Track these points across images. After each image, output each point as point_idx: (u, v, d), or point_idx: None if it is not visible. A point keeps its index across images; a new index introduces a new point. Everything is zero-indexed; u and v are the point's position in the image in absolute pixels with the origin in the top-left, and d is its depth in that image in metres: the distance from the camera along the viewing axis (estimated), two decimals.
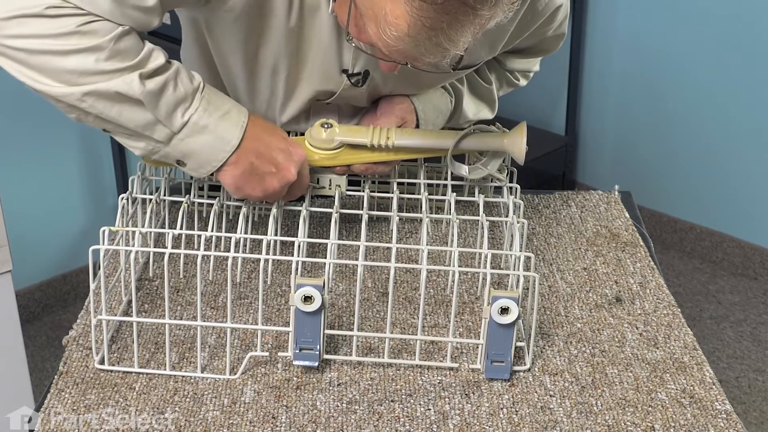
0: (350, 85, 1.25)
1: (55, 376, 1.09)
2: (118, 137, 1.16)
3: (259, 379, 1.09)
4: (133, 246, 1.18)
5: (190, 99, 1.13)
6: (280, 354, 1.11)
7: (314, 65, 1.23)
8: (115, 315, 1.17)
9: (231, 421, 1.02)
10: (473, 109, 1.41)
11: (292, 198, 1.24)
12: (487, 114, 1.44)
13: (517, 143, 1.27)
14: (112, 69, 1.09)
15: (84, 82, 1.10)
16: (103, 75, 1.09)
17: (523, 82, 1.48)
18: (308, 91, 1.26)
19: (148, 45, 1.13)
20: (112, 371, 1.09)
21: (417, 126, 1.33)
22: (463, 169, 1.32)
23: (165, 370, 1.09)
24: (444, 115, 1.36)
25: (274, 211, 1.19)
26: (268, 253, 1.11)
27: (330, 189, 1.29)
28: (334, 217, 1.17)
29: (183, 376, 1.09)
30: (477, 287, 1.25)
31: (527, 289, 1.18)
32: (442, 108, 1.36)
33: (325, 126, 1.26)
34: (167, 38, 1.98)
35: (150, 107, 1.11)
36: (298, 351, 1.08)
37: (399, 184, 1.31)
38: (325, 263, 1.10)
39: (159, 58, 1.13)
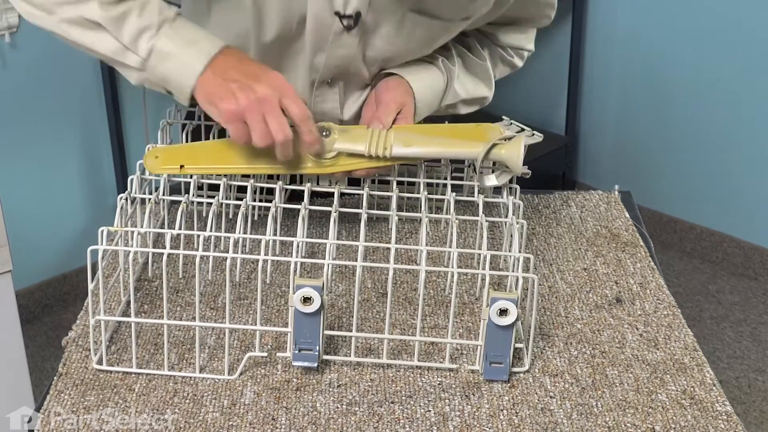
0: (342, 30, 1.25)
1: (55, 377, 1.09)
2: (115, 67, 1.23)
3: (258, 380, 1.09)
4: (132, 246, 1.18)
5: (155, 27, 1.17)
6: (279, 354, 1.11)
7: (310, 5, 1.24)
8: (114, 315, 1.17)
9: (231, 423, 1.02)
10: (470, 85, 1.40)
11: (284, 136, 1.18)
12: (484, 91, 1.43)
13: (514, 154, 1.24)
14: None
15: (58, 10, 1.18)
16: (72, 2, 1.16)
17: (518, 62, 1.47)
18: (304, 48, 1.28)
19: None
20: (110, 372, 1.09)
21: (414, 108, 1.32)
22: (491, 180, 1.29)
23: (163, 370, 1.09)
24: (439, 95, 1.36)
25: (272, 210, 1.18)
26: (267, 254, 1.11)
27: (330, 186, 1.28)
28: (333, 216, 1.17)
29: (183, 378, 1.09)
30: (477, 288, 1.25)
31: (526, 290, 1.18)
32: (437, 87, 1.36)
33: (325, 133, 1.25)
34: None
35: (113, 32, 1.17)
36: (297, 352, 1.08)
37: (398, 183, 1.31)
38: (324, 264, 1.10)
39: None
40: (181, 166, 1.26)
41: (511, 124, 1.34)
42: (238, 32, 1.28)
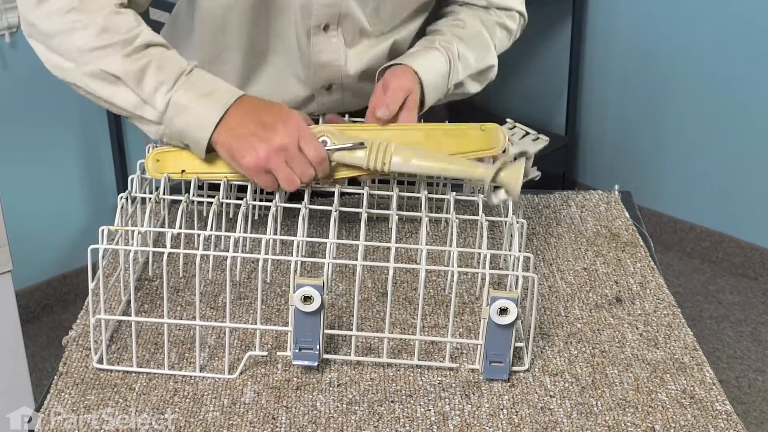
0: None
1: (55, 377, 1.09)
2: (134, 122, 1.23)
3: (259, 379, 1.09)
4: (133, 245, 1.18)
5: (173, 80, 1.18)
6: (279, 353, 1.11)
7: None
8: (115, 315, 1.17)
9: (231, 422, 1.02)
10: (472, 59, 1.40)
11: (306, 177, 1.20)
12: (488, 59, 1.42)
13: (513, 179, 1.20)
14: (101, 45, 1.17)
15: (84, 60, 1.19)
16: (94, 52, 1.16)
17: (511, 24, 1.46)
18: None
19: (141, 24, 1.19)
20: (111, 371, 1.09)
21: (422, 94, 1.32)
22: (500, 196, 1.24)
23: (164, 369, 1.09)
24: (444, 76, 1.36)
25: (273, 210, 1.18)
26: (267, 253, 1.11)
27: (330, 186, 1.27)
28: (334, 215, 1.17)
29: (183, 377, 1.09)
30: (477, 287, 1.25)
31: (526, 289, 1.18)
32: (441, 69, 1.36)
33: (323, 143, 1.24)
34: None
35: (133, 86, 1.18)
36: (297, 351, 1.08)
37: (399, 183, 1.31)
38: (324, 263, 1.10)
39: (147, 37, 1.18)
40: (182, 171, 1.26)
41: (515, 127, 1.33)
42: None
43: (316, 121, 1.32)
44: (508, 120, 1.35)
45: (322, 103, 1.43)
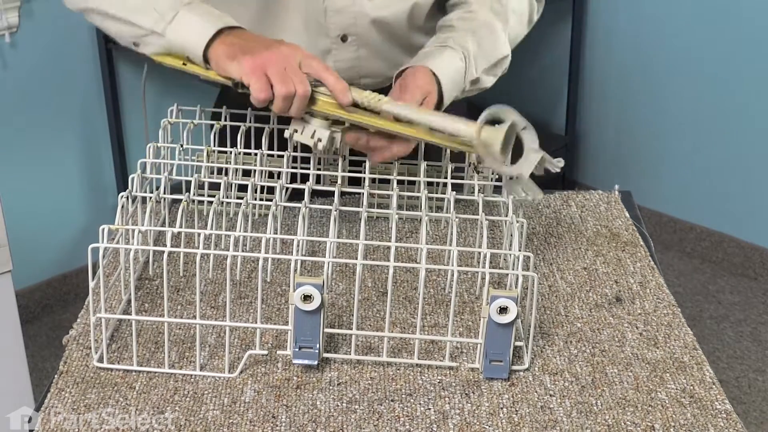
0: None
1: (55, 376, 1.09)
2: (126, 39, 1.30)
3: (259, 378, 1.09)
4: (133, 244, 1.18)
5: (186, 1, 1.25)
6: (279, 352, 1.11)
7: None
8: (115, 314, 1.17)
9: (231, 421, 1.02)
10: (485, 51, 1.38)
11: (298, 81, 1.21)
12: (501, 49, 1.40)
13: (494, 138, 1.19)
14: None
15: None
16: None
17: (525, 8, 1.45)
18: None
19: None
20: (111, 370, 1.09)
21: (440, 97, 1.31)
22: (518, 190, 1.25)
23: (164, 368, 1.09)
24: (461, 72, 1.35)
25: (273, 209, 1.19)
26: (267, 252, 1.11)
27: (312, 138, 1.25)
28: (334, 215, 1.17)
29: (183, 376, 1.09)
30: (477, 287, 1.25)
31: (526, 288, 1.18)
32: (457, 66, 1.35)
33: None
34: None
35: None
36: (297, 350, 1.08)
37: (399, 182, 1.31)
38: (324, 262, 1.10)
39: None
40: (184, 63, 1.28)
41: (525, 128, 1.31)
42: None
43: None
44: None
45: (338, 58, 1.43)
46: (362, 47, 1.42)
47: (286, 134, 1.27)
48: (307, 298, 1.05)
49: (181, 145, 1.35)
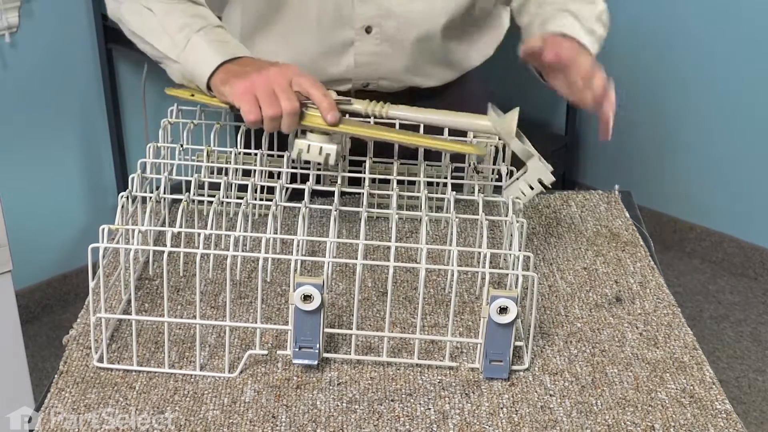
0: None
1: (56, 376, 1.09)
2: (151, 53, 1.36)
3: (259, 378, 1.09)
4: (133, 244, 1.18)
5: (197, 27, 1.29)
6: (279, 352, 1.11)
7: None
8: (115, 313, 1.17)
9: (231, 421, 1.02)
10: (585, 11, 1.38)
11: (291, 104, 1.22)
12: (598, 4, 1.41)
13: (509, 121, 1.23)
14: None
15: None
16: None
17: None
18: None
19: None
20: (111, 370, 1.09)
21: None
22: (523, 190, 1.25)
23: (164, 368, 1.09)
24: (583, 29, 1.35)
25: (273, 209, 1.19)
26: (267, 252, 1.11)
27: (320, 155, 1.25)
28: (334, 215, 1.17)
29: (183, 376, 1.09)
30: (477, 287, 1.25)
31: (526, 288, 1.18)
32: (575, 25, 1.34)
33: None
34: None
35: (160, 17, 1.31)
36: (297, 350, 1.08)
37: (399, 182, 1.31)
38: (324, 262, 1.10)
39: None
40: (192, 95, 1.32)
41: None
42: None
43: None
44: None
45: (359, 51, 1.43)
46: (385, 42, 1.42)
47: (294, 155, 1.27)
48: (307, 298, 1.05)
49: (181, 145, 1.35)
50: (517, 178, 1.26)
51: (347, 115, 1.27)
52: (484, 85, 1.61)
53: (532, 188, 1.25)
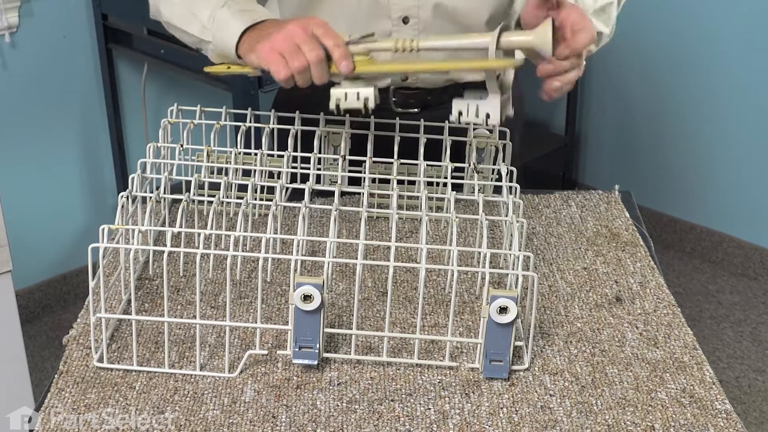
0: None
1: (56, 375, 1.09)
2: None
3: (259, 378, 1.09)
4: (133, 244, 1.18)
5: (222, 2, 1.30)
6: (279, 352, 1.11)
7: None
8: (115, 313, 1.17)
9: (231, 421, 1.02)
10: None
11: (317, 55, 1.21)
12: None
13: (545, 36, 1.22)
14: None
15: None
16: None
17: None
18: None
19: None
20: (111, 369, 1.09)
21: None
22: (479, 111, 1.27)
23: (164, 368, 1.09)
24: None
25: (273, 209, 1.19)
26: (267, 252, 1.12)
27: (358, 101, 1.24)
28: (334, 215, 1.17)
29: (183, 376, 1.09)
30: (477, 287, 1.25)
31: (526, 288, 1.18)
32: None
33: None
34: None
35: (187, 3, 1.33)
36: (297, 349, 1.08)
37: (399, 182, 1.31)
38: (324, 262, 1.10)
39: None
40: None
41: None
42: None
43: None
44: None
45: None
46: (423, 32, 1.42)
47: (332, 106, 1.25)
48: (307, 298, 1.05)
49: (181, 145, 1.35)
50: (474, 98, 1.27)
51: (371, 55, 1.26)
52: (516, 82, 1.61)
53: (477, 116, 1.26)
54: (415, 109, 1.47)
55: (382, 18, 1.41)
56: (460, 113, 1.28)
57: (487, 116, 1.28)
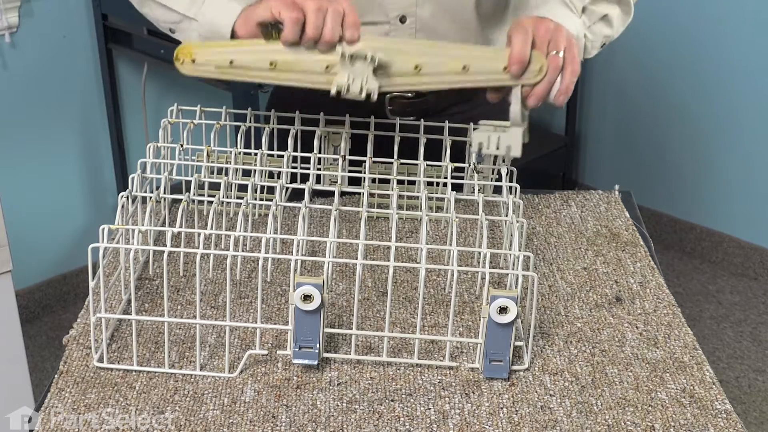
0: None
1: (55, 376, 1.09)
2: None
3: (259, 378, 1.09)
4: (133, 244, 1.18)
5: None
6: (279, 352, 1.11)
7: None
8: (115, 313, 1.17)
9: (231, 421, 1.02)
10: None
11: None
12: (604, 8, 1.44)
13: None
14: None
15: None
16: None
17: None
18: None
19: None
20: (111, 369, 1.09)
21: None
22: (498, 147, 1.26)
23: (164, 368, 1.09)
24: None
25: (273, 209, 1.19)
26: (267, 252, 1.12)
27: (361, 94, 1.22)
28: (334, 215, 1.17)
29: (183, 376, 1.09)
30: (477, 287, 1.25)
31: (526, 288, 1.18)
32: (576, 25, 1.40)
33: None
34: None
35: None
36: (297, 349, 1.08)
37: (399, 182, 1.31)
38: (324, 262, 1.10)
39: None
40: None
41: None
42: None
43: None
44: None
45: None
46: (420, 31, 1.41)
47: (333, 93, 1.22)
48: (307, 298, 1.05)
49: (181, 145, 1.35)
50: (494, 128, 1.27)
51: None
52: None
53: (498, 148, 1.26)
54: (412, 118, 1.46)
55: (379, 17, 1.41)
56: (480, 145, 1.26)
57: (508, 148, 1.26)
